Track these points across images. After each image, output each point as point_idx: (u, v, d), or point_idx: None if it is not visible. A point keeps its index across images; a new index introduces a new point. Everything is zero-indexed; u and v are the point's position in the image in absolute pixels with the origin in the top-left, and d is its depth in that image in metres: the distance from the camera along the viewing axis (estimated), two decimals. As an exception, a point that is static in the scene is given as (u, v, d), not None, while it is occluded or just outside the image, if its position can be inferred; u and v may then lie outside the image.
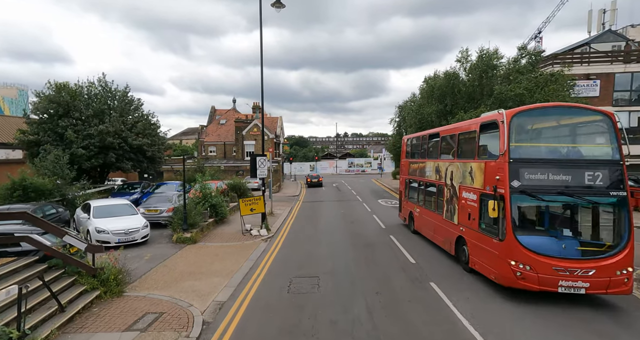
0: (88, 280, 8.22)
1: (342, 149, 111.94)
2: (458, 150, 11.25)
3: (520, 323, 7.26)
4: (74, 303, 7.47)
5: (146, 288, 9.23)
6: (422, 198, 14.29)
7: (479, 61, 22.64)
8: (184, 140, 77.16)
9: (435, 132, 13.63)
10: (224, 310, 8.09)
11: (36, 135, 20.89)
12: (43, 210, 13.15)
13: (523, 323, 7.26)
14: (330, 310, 7.88)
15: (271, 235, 15.57)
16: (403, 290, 9.03)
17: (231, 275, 10.39)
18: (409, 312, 7.77)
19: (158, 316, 7.51)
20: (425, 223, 13.85)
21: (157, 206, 16.77)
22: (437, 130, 13.76)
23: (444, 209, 11.80)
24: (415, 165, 15.24)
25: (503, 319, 7.44)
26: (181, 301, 8.40)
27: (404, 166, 16.95)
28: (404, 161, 16.99)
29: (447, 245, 11.68)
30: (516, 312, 7.78)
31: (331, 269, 10.87)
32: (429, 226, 13.40)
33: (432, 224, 13.03)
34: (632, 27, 34.84)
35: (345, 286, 9.37)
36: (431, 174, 13.18)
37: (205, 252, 12.78)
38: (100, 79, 23.56)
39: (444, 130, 12.85)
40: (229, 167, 40.95)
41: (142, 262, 11.43)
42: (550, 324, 7.22)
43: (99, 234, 12.65)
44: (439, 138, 12.90)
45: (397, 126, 34.83)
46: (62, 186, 16.93)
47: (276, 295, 8.90)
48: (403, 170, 17.18)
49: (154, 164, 25.90)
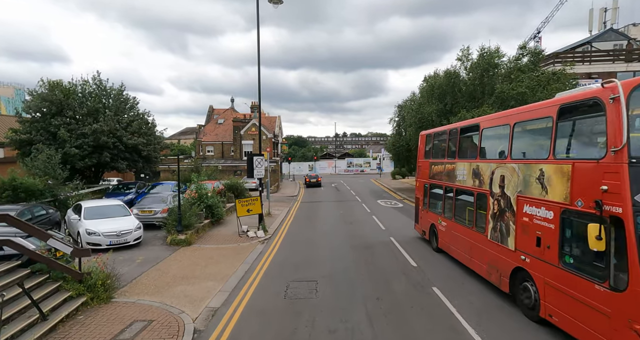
0: (74, 286, 7.80)
1: (341, 149, 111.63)
2: (511, 147, 8.05)
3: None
4: (58, 311, 7.06)
5: (136, 293, 8.83)
6: (451, 208, 11.19)
7: (480, 60, 22.31)
8: (182, 140, 76.77)
9: (473, 123, 10.58)
10: (217, 317, 7.70)
11: (28, 134, 20.45)
12: (32, 212, 12.72)
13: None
14: (328, 318, 7.49)
15: (268, 237, 15.18)
16: (405, 296, 8.65)
17: (226, 279, 9.99)
18: (411, 320, 7.38)
19: (147, 324, 7.11)
20: (456, 241, 10.82)
21: (152, 207, 16.35)
22: (474, 121, 10.78)
23: (488, 226, 8.79)
24: (440, 166, 12.16)
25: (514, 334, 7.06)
26: (172, 307, 8.01)
27: (423, 168, 13.88)
28: (423, 162, 13.95)
29: (494, 277, 8.69)
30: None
31: (330, 272, 10.48)
32: (462, 246, 10.37)
33: (467, 243, 10.05)
34: (634, 25, 34.58)
35: (344, 291, 8.98)
36: (465, 178, 10.13)
37: (200, 255, 12.38)
38: (95, 77, 23.14)
39: (488, 120, 9.71)
40: (227, 167, 40.53)
41: (133, 265, 11.02)
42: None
43: (90, 236, 12.24)
44: (478, 131, 9.75)
45: (397, 126, 34.48)
46: (53, 186, 16.49)
47: (272, 300, 8.51)
48: (421, 173, 14.09)
49: (150, 164, 25.49)
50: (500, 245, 8.31)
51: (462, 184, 10.41)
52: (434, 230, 12.59)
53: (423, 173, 13.85)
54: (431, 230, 12.94)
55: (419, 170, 14.50)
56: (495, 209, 8.54)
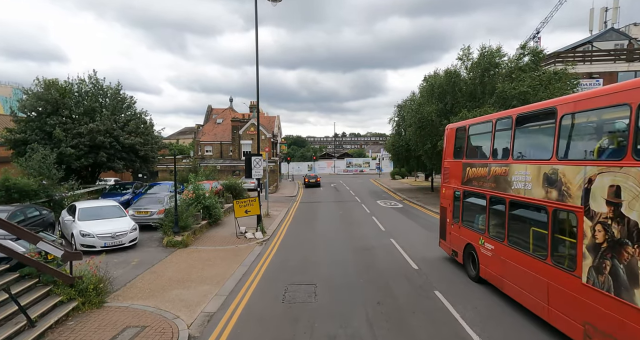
0: (65, 290, 7.54)
1: (340, 149, 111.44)
2: (635, 140, 5.02)
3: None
4: (47, 316, 6.80)
5: (130, 297, 8.57)
6: (502, 227, 8.21)
7: (481, 59, 22.12)
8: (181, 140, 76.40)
9: (541, 109, 7.43)
10: (213, 322, 7.45)
11: (23, 134, 20.18)
12: (25, 213, 12.44)
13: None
14: (327, 323, 7.25)
15: (267, 238, 14.93)
16: (406, 300, 8.41)
17: (223, 282, 9.74)
18: (413, 326, 7.14)
19: (140, 330, 6.86)
20: (515, 275, 7.75)
21: (148, 208, 16.09)
22: (546, 104, 7.34)
23: (583, 262, 5.78)
24: (481, 169, 9.15)
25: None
26: (167, 312, 7.76)
27: (452, 170, 10.98)
28: (451, 163, 11.07)
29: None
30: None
31: (329, 275, 10.24)
32: (523, 281, 7.42)
33: (534, 280, 7.03)
34: (635, 25, 34.41)
35: (343, 295, 8.74)
36: (530, 186, 7.18)
37: (197, 257, 12.12)
38: (91, 76, 22.85)
39: (578, 101, 6.26)
40: (225, 166, 40.27)
41: (128, 268, 10.77)
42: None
43: (84, 237, 11.97)
44: (554, 119, 6.62)
45: (396, 126, 34.26)
46: (48, 187, 16.21)
47: (270, 305, 8.26)
48: (449, 177, 11.16)
49: (147, 164, 25.21)
50: (616, 300, 5.18)
51: (522, 195, 7.46)
52: (473, 253, 9.58)
53: (452, 177, 10.93)
54: (467, 252, 9.96)
55: (445, 173, 11.54)
56: (599, 238, 5.51)
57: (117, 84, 23.66)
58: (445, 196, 11.44)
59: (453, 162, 10.97)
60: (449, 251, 11.22)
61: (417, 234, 15.79)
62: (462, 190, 10.25)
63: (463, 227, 10.26)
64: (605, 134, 6.12)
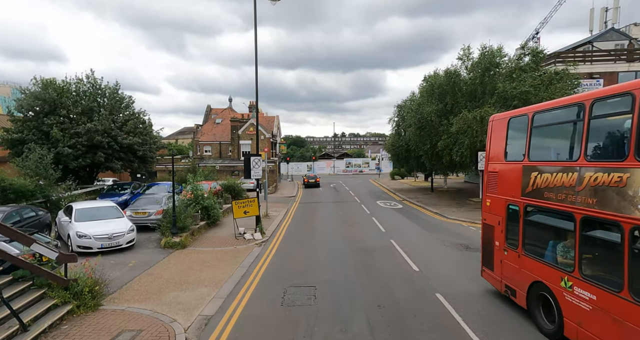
0: (59, 293, 7.39)
1: (339, 149, 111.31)
2: None
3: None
4: (40, 320, 6.65)
5: (126, 300, 8.43)
6: (617, 268, 5.24)
7: (482, 59, 22.02)
8: (180, 140, 76.13)
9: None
10: (211, 326, 7.31)
11: (20, 134, 20.00)
12: (20, 214, 12.28)
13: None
14: (327, 326, 7.11)
15: (266, 239, 14.79)
16: (408, 303, 8.27)
17: (221, 284, 9.60)
18: (415, 330, 7.00)
19: (135, 334, 6.71)
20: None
21: (146, 208, 15.94)
22: None
23: None
24: (564, 176, 6.24)
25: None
26: (163, 316, 7.61)
27: (505, 175, 8.14)
28: (503, 166, 8.25)
29: None
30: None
31: (329, 277, 10.10)
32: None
33: None
34: (635, 25, 34.33)
35: (343, 297, 8.60)
36: None
37: (195, 258, 11.97)
38: (89, 76, 22.67)
39: None
40: (225, 167, 40.09)
41: (125, 269, 10.61)
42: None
43: (80, 238, 11.81)
44: None
45: (396, 126, 34.12)
46: (45, 187, 16.04)
47: (269, 308, 8.12)
48: (501, 184, 8.28)
49: (146, 164, 25.05)
50: None
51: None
52: (550, 297, 6.60)
53: (504, 185, 8.09)
54: (535, 293, 7.04)
55: (490, 179, 8.65)
56: None
57: (115, 84, 23.51)
58: (492, 210, 8.49)
59: (505, 165, 8.14)
60: (500, 286, 8.23)
61: (417, 234, 15.66)
62: (522, 204, 7.39)
63: (526, 256, 7.27)
64: None
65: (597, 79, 26.87)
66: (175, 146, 58.41)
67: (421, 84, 28.28)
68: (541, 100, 17.90)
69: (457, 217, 19.15)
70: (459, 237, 14.87)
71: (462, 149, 20.39)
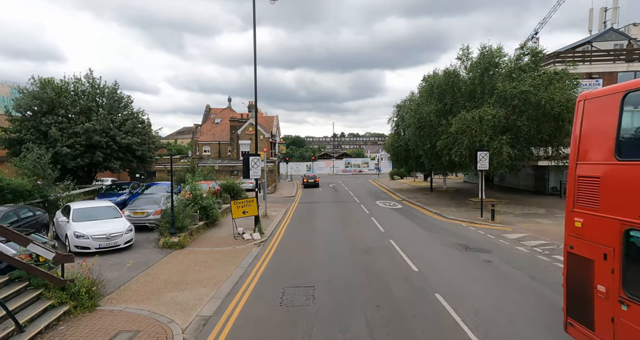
0: (56, 293, 7.33)
1: (339, 149, 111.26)
2: None
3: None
4: (37, 321, 6.59)
5: (124, 300, 8.37)
6: None
7: (481, 59, 22.00)
8: (179, 140, 76.03)
9: None
10: (209, 326, 7.26)
11: (18, 133, 19.95)
12: (18, 213, 12.22)
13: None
14: (326, 327, 7.06)
15: (264, 240, 14.73)
16: (407, 303, 8.22)
17: (219, 284, 9.54)
18: (414, 330, 6.96)
19: (132, 335, 6.66)
20: None
21: (144, 208, 15.88)
22: None
23: None
24: None
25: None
26: (161, 316, 7.56)
27: (623, 183, 4.97)
28: (620, 168, 5.04)
29: None
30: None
31: (328, 277, 10.05)
32: None
33: None
34: (634, 25, 34.36)
35: (342, 298, 8.55)
36: None
37: (193, 259, 11.92)
38: (88, 75, 22.62)
39: None
40: (224, 167, 40.02)
41: (123, 270, 10.55)
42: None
43: (78, 239, 11.75)
44: None
45: (396, 126, 34.11)
46: (43, 187, 15.98)
47: (267, 308, 8.07)
48: (607, 197, 5.20)
49: (144, 164, 25.00)
50: None
51: None
52: None
53: (620, 197, 5.04)
54: None
55: (589, 187, 5.49)
56: None
57: (114, 83, 23.47)
58: (590, 236, 5.44)
59: (618, 167, 5.08)
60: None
61: (416, 234, 15.61)
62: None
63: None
64: None
65: (596, 79, 26.89)
66: (174, 146, 58.34)
67: (420, 84, 28.26)
68: (541, 99, 17.89)
69: (457, 217, 19.12)
70: (458, 237, 14.83)
71: (462, 148, 20.36)
